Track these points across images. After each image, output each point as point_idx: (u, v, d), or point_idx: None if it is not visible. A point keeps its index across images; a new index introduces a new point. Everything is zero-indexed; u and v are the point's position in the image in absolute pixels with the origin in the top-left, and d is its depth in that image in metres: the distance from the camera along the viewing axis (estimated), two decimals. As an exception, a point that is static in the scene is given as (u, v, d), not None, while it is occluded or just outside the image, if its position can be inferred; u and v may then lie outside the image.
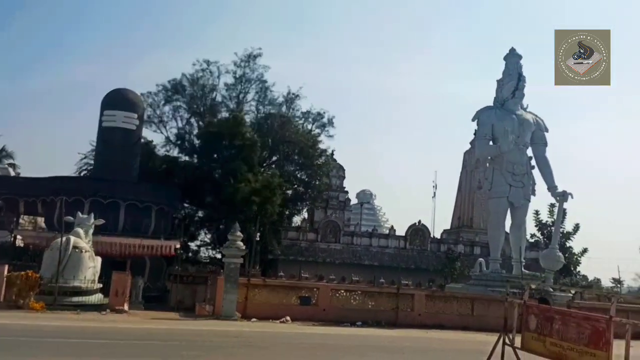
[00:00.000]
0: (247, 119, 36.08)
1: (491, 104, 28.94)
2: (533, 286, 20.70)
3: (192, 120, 37.97)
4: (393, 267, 34.60)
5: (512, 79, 28.56)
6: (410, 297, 23.03)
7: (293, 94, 38.94)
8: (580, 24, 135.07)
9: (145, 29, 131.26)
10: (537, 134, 28.27)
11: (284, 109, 38.89)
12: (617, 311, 9.32)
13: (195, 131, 37.06)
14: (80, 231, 22.12)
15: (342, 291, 22.86)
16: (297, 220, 40.03)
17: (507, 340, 11.43)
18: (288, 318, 20.71)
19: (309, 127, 39.13)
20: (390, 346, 14.76)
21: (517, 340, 11.24)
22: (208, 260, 34.73)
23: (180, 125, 37.95)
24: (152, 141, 37.03)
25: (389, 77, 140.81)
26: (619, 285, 44.99)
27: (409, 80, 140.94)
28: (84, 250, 21.50)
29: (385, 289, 24.41)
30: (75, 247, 21.10)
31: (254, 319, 20.28)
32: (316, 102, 73.10)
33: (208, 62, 37.57)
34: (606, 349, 8.56)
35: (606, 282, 47.34)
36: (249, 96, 39.01)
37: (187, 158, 36.42)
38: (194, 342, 13.20)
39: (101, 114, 30.95)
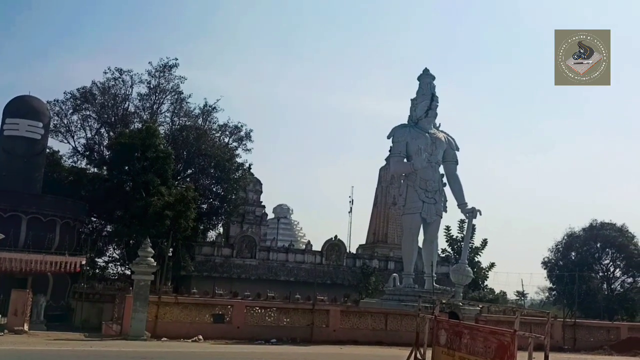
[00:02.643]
0: (161, 130, 35.15)
1: (406, 122, 29.75)
2: (444, 301, 21.29)
3: (102, 130, 36.59)
4: (309, 283, 34.55)
5: (426, 98, 29.52)
6: (325, 313, 23.03)
7: (210, 106, 38.42)
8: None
9: (53, 34, 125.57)
10: (448, 152, 29.31)
11: (200, 121, 38.24)
12: (521, 324, 9.67)
13: (106, 142, 35.68)
14: (-24, 247, 20.66)
15: (257, 308, 22.51)
16: (212, 235, 39.26)
17: (418, 355, 11.61)
18: (200, 337, 20.11)
19: (226, 140, 38.67)
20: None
21: (429, 355, 11.44)
22: (116, 277, 33.25)
23: (89, 135, 36.49)
24: (58, 151, 35.44)
25: (307, 93, 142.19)
26: (522, 298, 47.27)
27: (328, 96, 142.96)
28: (-21, 267, 20.09)
29: (300, 305, 24.29)
30: (-31, 263, 19.69)
31: (164, 339, 19.55)
32: (234, 115, 72.82)
33: (121, 71, 36.44)
34: (511, 361, 8.83)
35: (511, 295, 49.66)
36: (164, 107, 38.12)
37: (95, 170, 34.99)
38: (97, 365, 12.48)
39: (3, 122, 29.39)
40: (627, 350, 25.78)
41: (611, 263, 51.36)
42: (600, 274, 51.21)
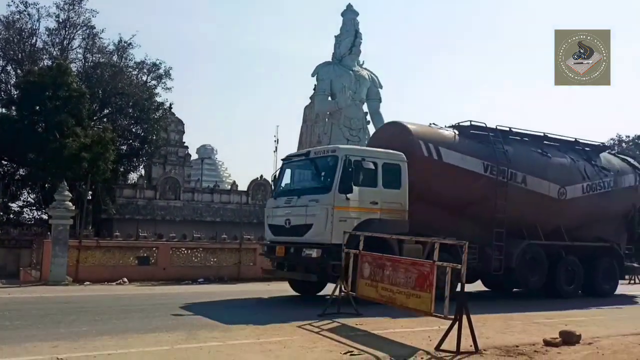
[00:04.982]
0: (74, 67, 33.22)
1: (330, 60, 29.60)
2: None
3: (9, 68, 34.21)
4: (235, 223, 34.59)
5: (349, 35, 29.39)
6: (252, 251, 23.22)
7: (125, 42, 36.59)
8: None
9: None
10: (372, 90, 29.61)
11: (115, 58, 36.45)
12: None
13: (13, 80, 33.44)
14: None
15: (183, 249, 22.39)
16: (133, 177, 38.23)
17: (343, 288, 12.00)
18: (125, 280, 19.85)
19: (144, 78, 37.20)
20: (232, 301, 14.83)
21: (353, 287, 11.84)
22: (33, 222, 32.00)
23: (-6, 73, 34.05)
24: (-40, 92, 32.93)
25: (232, 33, 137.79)
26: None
27: (252, 35, 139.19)
28: None
29: (227, 244, 24.35)
30: None
31: (87, 283, 19.15)
32: (153, 52, 69.79)
33: (26, 3, 33.82)
34: (430, 290, 9.29)
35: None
36: (75, 43, 35.99)
37: (3, 110, 32.86)
38: (18, 311, 12.10)
39: None
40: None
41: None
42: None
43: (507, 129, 17.13)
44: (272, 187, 16.31)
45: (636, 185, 19.55)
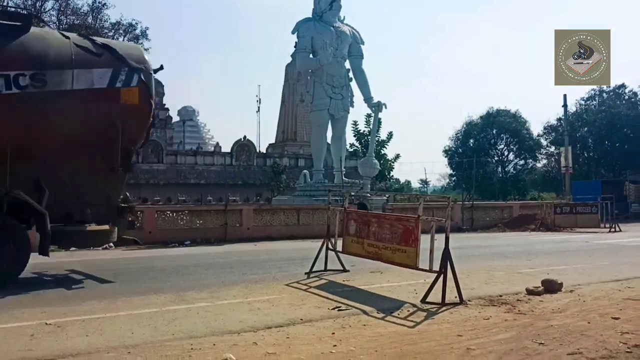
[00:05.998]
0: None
1: (310, 16, 29.10)
2: (353, 193, 22.07)
3: (-20, 32, 33.24)
4: (220, 184, 34.57)
5: (330, -11, 28.81)
6: (238, 213, 23.28)
7: (99, 2, 35.77)
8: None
9: None
10: (354, 47, 29.23)
11: (90, 19, 35.61)
12: (424, 209, 10.18)
13: (-14, 45, 32.56)
14: None
15: (168, 212, 22.35)
16: (115, 141, 37.81)
17: (329, 246, 12.08)
18: (111, 244, 19.79)
19: (121, 39, 36.38)
20: (219, 262, 14.87)
21: (340, 244, 11.94)
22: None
23: (-35, 38, 33.03)
24: None
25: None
26: (425, 186, 50.01)
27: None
28: None
29: (212, 206, 24.41)
30: None
31: (73, 248, 19.08)
32: (128, 13, 68.12)
33: (-7, -35, 32.59)
34: (415, 244, 9.39)
35: (415, 184, 52.50)
36: (48, 5, 35.10)
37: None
38: None
39: None
40: (519, 226, 28.30)
41: (505, 147, 55.18)
42: (496, 158, 54.98)
43: None
44: None
45: (118, 87, 11.21)
